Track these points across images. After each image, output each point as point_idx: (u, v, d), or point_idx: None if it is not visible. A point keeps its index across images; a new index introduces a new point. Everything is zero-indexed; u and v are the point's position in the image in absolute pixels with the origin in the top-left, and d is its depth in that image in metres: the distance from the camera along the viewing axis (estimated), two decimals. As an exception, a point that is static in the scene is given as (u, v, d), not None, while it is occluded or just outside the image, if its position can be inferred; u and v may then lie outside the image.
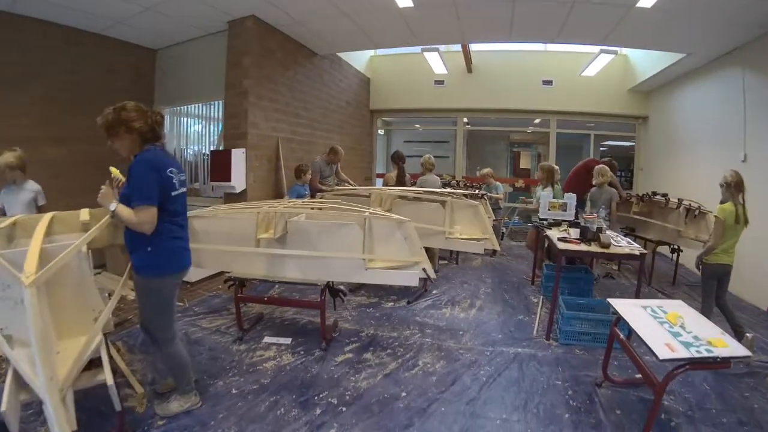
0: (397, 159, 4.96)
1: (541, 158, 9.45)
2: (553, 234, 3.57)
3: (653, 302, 2.46)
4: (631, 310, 2.35)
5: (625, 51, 7.17)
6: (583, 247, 3.13)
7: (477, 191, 5.55)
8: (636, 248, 3.16)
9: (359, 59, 7.77)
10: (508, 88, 7.63)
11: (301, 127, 5.61)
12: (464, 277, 4.80)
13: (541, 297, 4.14)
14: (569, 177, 5.32)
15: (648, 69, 6.53)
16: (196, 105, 5.60)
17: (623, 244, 3.25)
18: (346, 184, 5.69)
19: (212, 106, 5.39)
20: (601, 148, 7.98)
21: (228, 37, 4.72)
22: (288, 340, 3.18)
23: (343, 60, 6.91)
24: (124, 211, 1.95)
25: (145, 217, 1.92)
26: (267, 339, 3.21)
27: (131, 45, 5.29)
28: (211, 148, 5.20)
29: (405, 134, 10.77)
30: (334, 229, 2.75)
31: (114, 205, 1.97)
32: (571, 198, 4.13)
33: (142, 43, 5.40)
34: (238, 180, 4.53)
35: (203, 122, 5.66)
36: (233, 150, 4.49)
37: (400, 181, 4.91)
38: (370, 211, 2.85)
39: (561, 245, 3.16)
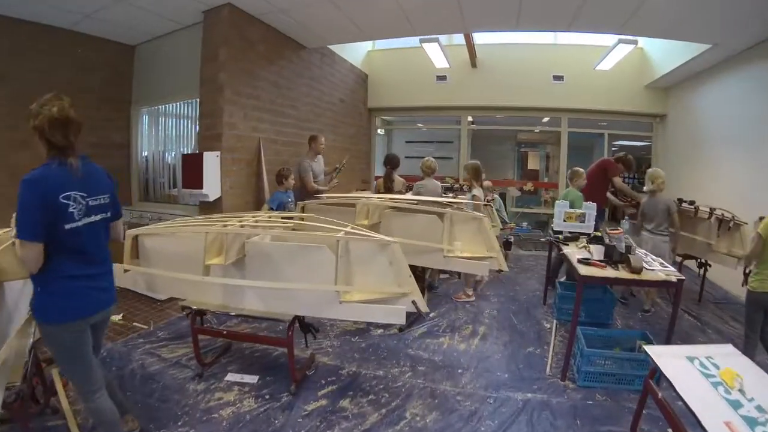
0: (386, 162, 4.42)
1: (550, 159, 8.88)
2: (572, 252, 3.03)
3: (700, 350, 1.92)
4: (675, 363, 1.81)
5: (641, 44, 6.61)
6: (610, 272, 2.58)
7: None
8: (672, 272, 2.61)
9: (355, 54, 7.26)
10: (515, 84, 7.06)
11: (288, 127, 5.12)
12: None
13: (555, 321, 3.60)
14: (586, 183, 4.77)
15: (667, 63, 5.95)
16: (177, 104, 5.13)
17: (656, 267, 2.71)
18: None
19: (192, 105, 4.91)
20: (612, 148, 7.37)
21: (203, 28, 4.24)
22: (254, 379, 2.69)
23: (337, 54, 6.40)
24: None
25: (26, 254, 1.45)
26: (230, 377, 2.73)
27: (106, 41, 4.85)
28: (184, 151, 4.73)
29: (407, 134, 10.24)
30: (299, 253, 2.24)
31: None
32: (590, 207, 3.58)
33: (119, 38, 4.96)
34: (212, 187, 4.05)
35: (184, 122, 5.18)
36: (205, 153, 4.01)
37: (388, 188, 4.39)
38: (348, 228, 2.34)
39: (582, 269, 2.61)
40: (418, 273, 3.72)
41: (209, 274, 2.35)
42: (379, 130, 9.32)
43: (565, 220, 3.63)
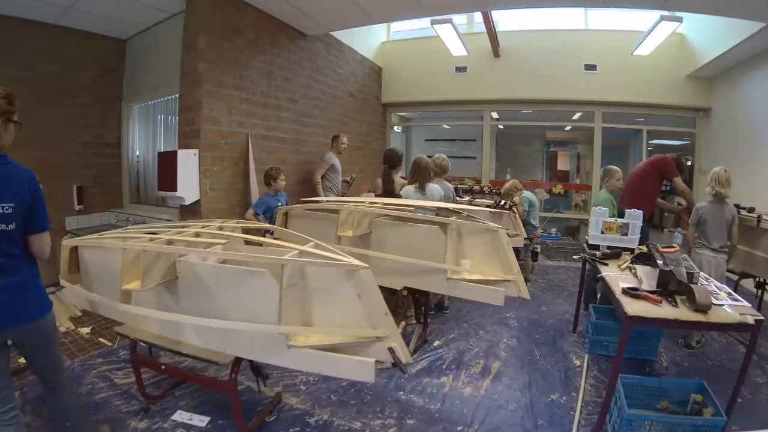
0: (385, 161, 3.83)
1: (581, 159, 8.04)
2: (612, 276, 2.34)
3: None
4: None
5: (681, 30, 5.74)
6: (667, 310, 1.88)
7: (502, 202, 4.36)
8: (747, 310, 1.90)
9: (367, 45, 6.71)
10: (542, 75, 6.29)
11: (284, 122, 4.62)
12: (481, 318, 3.61)
13: (586, 356, 2.91)
14: (627, 183, 4.02)
15: (711, 49, 5.09)
16: (168, 98, 4.74)
17: (724, 300, 1.99)
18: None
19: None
20: (648, 148, 6.48)
21: (185, 15, 3.81)
22: (203, 422, 2.19)
23: (345, 44, 5.87)
24: None
25: None
26: (178, 416, 2.25)
27: (95, 36, 4.54)
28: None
29: (426, 132, 9.60)
30: (235, 279, 1.70)
31: None
32: (635, 216, 2.86)
33: (108, 32, 4.64)
34: (188, 189, 3.59)
35: (177, 118, 4.79)
36: (180, 151, 3.56)
37: (388, 191, 3.81)
38: (306, 247, 1.78)
39: (629, 306, 1.92)
40: (417, 296, 3.11)
41: (131, 300, 1.85)
42: (396, 128, 8.75)
43: (603, 232, 2.92)
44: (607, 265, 2.59)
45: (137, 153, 5.04)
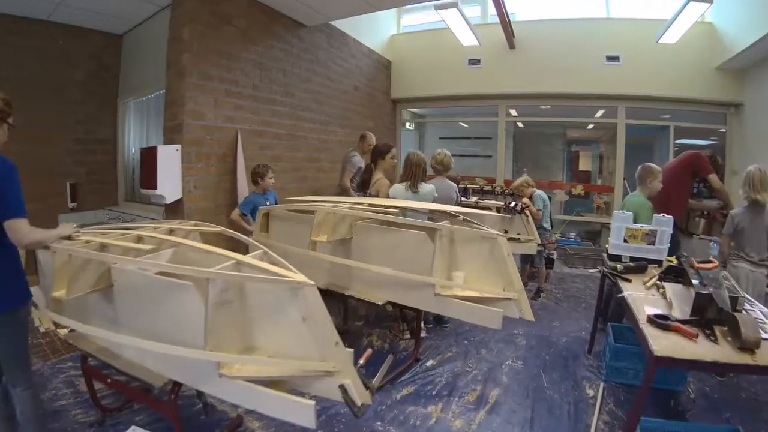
0: (375, 155, 3.49)
1: (603, 159, 7.50)
2: (636, 297, 1.94)
3: None
4: None
5: (710, 18, 5.24)
6: (704, 348, 1.46)
7: (513, 203, 3.96)
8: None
9: (375, 38, 6.41)
10: (561, 67, 5.81)
11: (279, 116, 4.36)
12: (485, 334, 3.22)
13: (602, 385, 2.51)
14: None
15: (743, 38, 4.55)
16: (162, 93, 4.56)
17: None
18: None
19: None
20: (674, 148, 5.91)
21: (171, 5, 3.59)
22: (158, 442, 1.93)
23: (349, 36, 5.57)
24: None
25: None
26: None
27: (90, 31, 4.43)
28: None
29: (441, 129, 9.21)
30: (164, 292, 1.43)
31: None
32: (664, 222, 2.44)
33: (103, 28, 4.51)
34: (169, 187, 3.37)
35: (164, 112, 4.61)
36: (160, 147, 3.33)
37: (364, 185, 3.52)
38: (251, 256, 1.48)
39: (656, 341, 1.51)
40: (404, 310, 2.77)
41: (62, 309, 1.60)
42: (407, 125, 8.41)
43: (626, 240, 2.52)
44: (629, 281, 2.18)
45: (133, 150, 4.89)
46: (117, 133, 4.86)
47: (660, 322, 1.58)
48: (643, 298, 1.93)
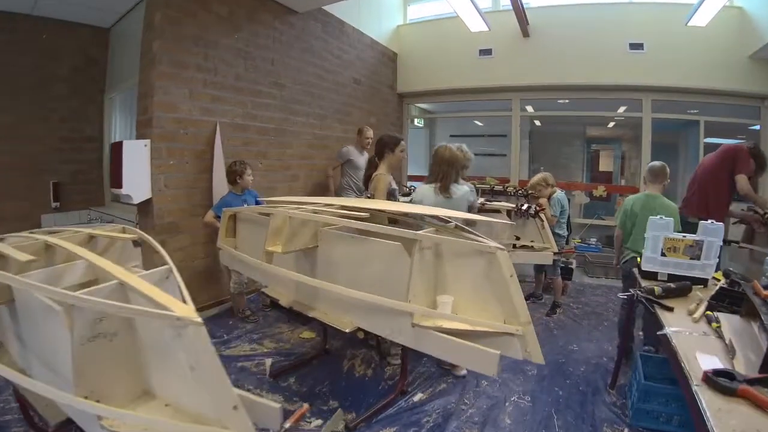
0: (381, 148, 2.91)
1: (626, 159, 6.93)
2: (682, 338, 1.47)
3: None
4: None
5: (739, 2, 4.68)
6: None
7: (524, 206, 3.49)
8: None
9: (380, 28, 6.00)
10: (579, 57, 5.28)
11: (267, 109, 3.99)
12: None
13: (627, 431, 2.03)
14: (694, 183, 3.10)
15: None
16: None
17: None
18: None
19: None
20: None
21: (147, -10, 3.28)
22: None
23: (348, 25, 5.18)
24: None
25: None
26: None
27: (76, 25, 4.22)
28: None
29: (452, 126, 8.73)
30: (32, 313, 1.08)
31: None
32: (713, 231, 1.96)
33: (89, 21, 4.30)
34: (136, 186, 3.03)
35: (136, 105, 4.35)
36: (126, 142, 3.01)
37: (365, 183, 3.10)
38: (143, 275, 1.08)
39: (719, 419, 1.02)
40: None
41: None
42: (416, 121, 7.97)
43: (664, 253, 2.03)
44: (671, 309, 1.69)
45: (119, 147, 4.61)
46: (103, 130, 4.61)
47: (723, 383, 1.10)
48: (693, 339, 1.44)
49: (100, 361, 1.04)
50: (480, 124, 8.26)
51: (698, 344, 1.38)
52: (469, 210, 2.62)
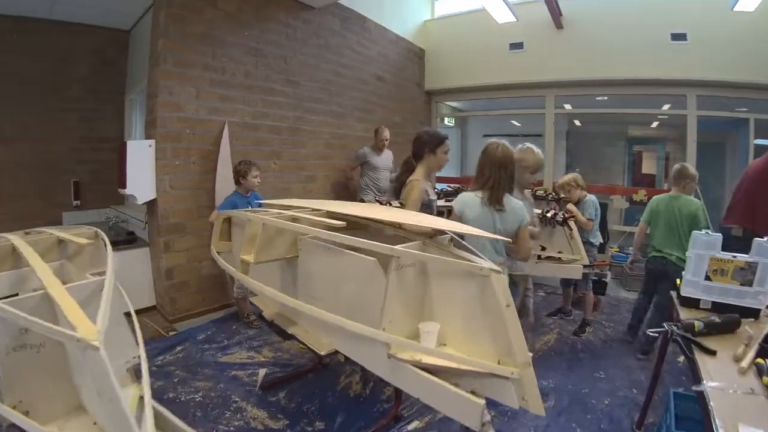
0: (420, 147, 2.37)
1: (670, 161, 6.28)
2: (722, 398, 1.14)
3: None
4: None
5: None
6: None
7: (550, 211, 3.14)
8: None
9: (405, 24, 5.80)
10: (617, 49, 4.81)
11: (279, 108, 3.88)
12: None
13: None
14: (739, 191, 2.69)
15: None
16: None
17: None
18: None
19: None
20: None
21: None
22: None
23: (370, 20, 5.00)
24: None
25: None
26: None
27: (96, 28, 4.37)
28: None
29: (485, 126, 8.35)
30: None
31: None
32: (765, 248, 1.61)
33: (108, 24, 4.44)
34: (140, 186, 3.02)
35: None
36: (130, 143, 3.00)
37: (397, 193, 2.86)
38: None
39: None
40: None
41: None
42: (446, 121, 7.69)
43: (709, 277, 1.70)
44: (713, 354, 1.36)
45: (140, 147, 4.69)
46: (124, 130, 4.70)
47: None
48: (736, 401, 1.12)
49: (27, 371, 1.02)
50: (518, 124, 7.82)
51: (743, 408, 1.07)
52: (517, 231, 2.05)
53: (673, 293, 1.96)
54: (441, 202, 3.33)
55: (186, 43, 3.12)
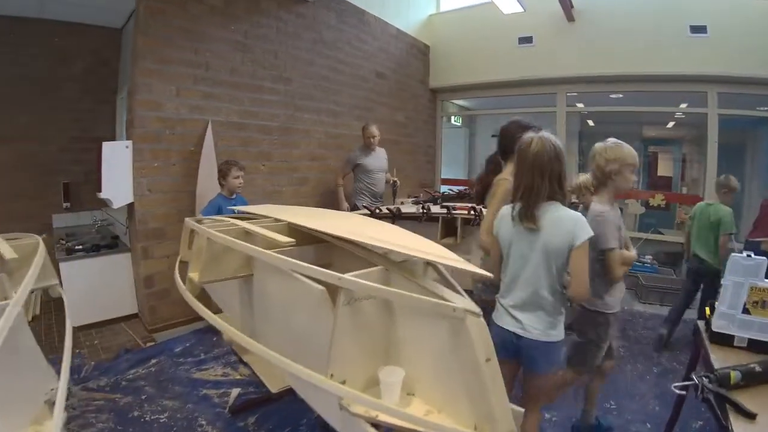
0: (508, 142, 1.99)
1: (686, 162, 5.90)
2: None
3: None
4: None
5: None
6: None
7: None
8: None
9: (408, 18, 5.57)
10: (632, 43, 4.53)
11: (269, 106, 3.69)
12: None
13: None
14: None
15: None
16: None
17: None
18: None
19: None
20: None
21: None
22: None
23: (370, 14, 4.78)
24: None
25: None
26: None
27: (87, 26, 4.23)
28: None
29: (494, 125, 8.03)
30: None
31: None
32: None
33: (99, 22, 4.30)
34: (117, 189, 2.86)
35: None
36: (105, 144, 2.83)
37: (480, 197, 2.58)
38: None
39: None
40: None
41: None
42: (453, 120, 7.42)
43: (748, 310, 1.43)
44: (753, 418, 1.09)
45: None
46: (116, 130, 4.58)
47: None
48: None
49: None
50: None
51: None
52: (569, 258, 1.47)
53: (701, 324, 1.70)
54: (436, 209, 3.08)
55: (167, 38, 2.94)
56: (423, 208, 2.98)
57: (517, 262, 1.53)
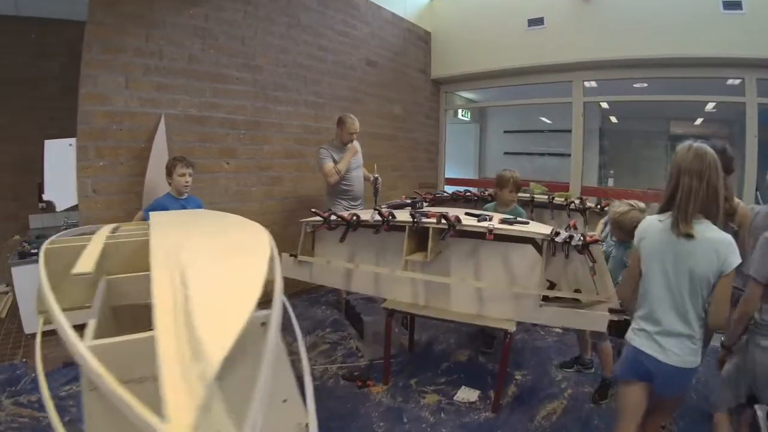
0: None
1: None
2: None
3: None
4: None
5: None
6: None
7: (565, 234, 2.27)
8: None
9: (405, 2, 5.16)
10: (656, 23, 3.93)
11: (234, 97, 3.39)
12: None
13: None
14: None
15: None
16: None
17: None
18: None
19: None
20: None
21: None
22: None
23: (362, -4, 4.41)
24: None
25: None
26: None
27: (66, 22, 4.02)
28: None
29: (507, 119, 7.50)
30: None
31: None
32: None
33: (76, 17, 4.10)
34: (60, 190, 2.69)
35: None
36: (47, 142, 2.67)
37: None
38: None
39: None
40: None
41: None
42: (460, 114, 6.94)
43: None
44: None
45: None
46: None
47: None
48: None
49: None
50: (548, 120, 6.88)
51: None
52: (715, 281, 1.40)
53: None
54: (404, 216, 2.66)
55: (115, 26, 2.71)
56: (381, 214, 2.33)
57: (660, 280, 1.46)
